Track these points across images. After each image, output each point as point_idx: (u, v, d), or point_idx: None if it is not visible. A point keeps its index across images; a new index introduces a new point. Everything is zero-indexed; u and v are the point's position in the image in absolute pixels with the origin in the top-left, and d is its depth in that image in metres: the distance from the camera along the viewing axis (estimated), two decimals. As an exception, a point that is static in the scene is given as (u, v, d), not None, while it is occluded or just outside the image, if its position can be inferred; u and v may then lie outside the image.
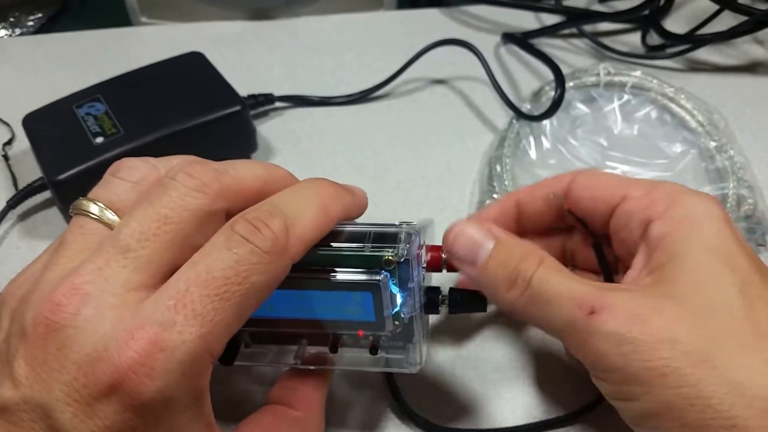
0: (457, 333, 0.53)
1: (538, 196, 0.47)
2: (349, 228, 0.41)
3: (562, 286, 0.38)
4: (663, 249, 0.39)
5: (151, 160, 0.39)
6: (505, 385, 0.50)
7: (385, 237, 0.40)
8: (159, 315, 0.32)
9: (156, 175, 0.38)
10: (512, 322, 0.54)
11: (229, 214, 0.36)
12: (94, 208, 0.37)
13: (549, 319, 0.39)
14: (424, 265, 0.43)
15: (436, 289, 0.44)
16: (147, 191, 0.37)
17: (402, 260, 0.39)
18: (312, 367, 0.44)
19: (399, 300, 0.40)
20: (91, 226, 0.36)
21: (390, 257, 0.39)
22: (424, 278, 0.43)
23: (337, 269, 0.40)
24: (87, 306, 0.33)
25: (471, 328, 0.54)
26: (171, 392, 0.32)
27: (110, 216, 0.37)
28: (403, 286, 0.40)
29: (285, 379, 0.44)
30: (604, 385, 0.38)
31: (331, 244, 0.40)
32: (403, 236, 0.40)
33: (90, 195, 0.38)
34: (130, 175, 0.38)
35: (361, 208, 0.43)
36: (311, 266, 0.39)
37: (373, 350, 0.42)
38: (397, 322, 0.41)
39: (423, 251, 0.42)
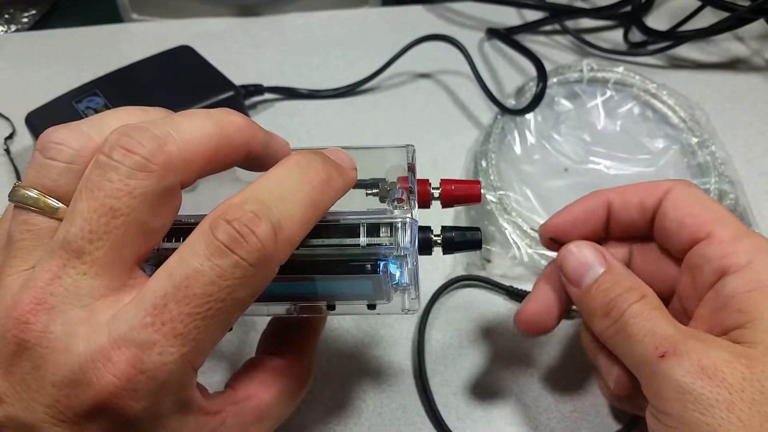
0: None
1: (632, 203, 0.44)
2: (342, 220, 0.37)
3: (648, 324, 0.37)
4: (737, 310, 0.37)
5: (82, 126, 0.34)
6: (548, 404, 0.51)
7: (380, 226, 0.37)
8: (136, 334, 0.30)
9: (91, 145, 0.33)
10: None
11: (183, 185, 0.33)
12: (31, 199, 0.32)
13: (629, 353, 0.38)
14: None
15: (427, 229, 0.41)
16: (86, 174, 0.32)
17: (402, 254, 0.37)
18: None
19: (398, 275, 0.39)
20: (36, 221, 0.33)
21: (390, 252, 0.37)
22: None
23: (335, 265, 0.37)
24: (55, 322, 0.30)
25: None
26: (157, 408, 0.31)
27: (51, 204, 0.32)
28: (401, 263, 0.38)
29: (273, 327, 0.43)
30: (658, 425, 0.37)
31: (326, 237, 0.37)
32: (399, 225, 0.37)
33: (25, 181, 0.33)
34: (60, 153, 0.33)
35: (351, 185, 0.37)
36: (306, 261, 0.37)
37: (371, 307, 0.41)
38: (396, 288, 0.39)
39: (414, 210, 0.39)
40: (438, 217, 0.56)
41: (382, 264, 0.37)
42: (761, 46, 0.81)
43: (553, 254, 0.55)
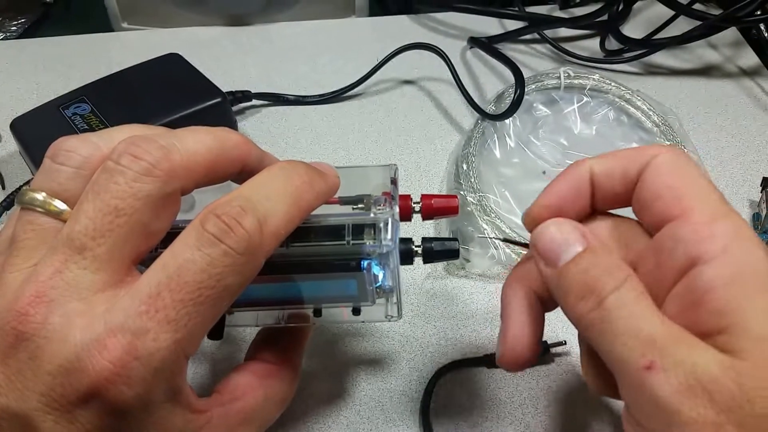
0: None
1: (615, 173, 0.38)
2: (325, 222, 0.40)
3: (634, 320, 0.32)
4: (715, 311, 0.32)
5: (92, 137, 0.36)
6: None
7: (364, 226, 0.40)
8: (131, 323, 0.31)
9: (99, 154, 0.35)
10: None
11: (183, 191, 0.35)
12: (38, 201, 0.35)
13: (609, 351, 0.33)
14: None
15: (408, 240, 0.43)
16: (93, 178, 0.34)
17: (385, 251, 0.40)
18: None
19: (381, 277, 0.41)
20: (41, 221, 0.35)
21: (374, 250, 0.39)
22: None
23: (321, 264, 0.40)
24: (53, 314, 0.32)
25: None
26: (149, 396, 0.32)
27: (57, 206, 0.35)
28: (384, 264, 0.41)
29: (261, 335, 0.45)
30: None
31: (312, 237, 0.40)
32: (382, 225, 0.40)
33: (33, 184, 0.35)
34: (69, 159, 0.35)
35: (334, 190, 0.40)
36: (294, 260, 0.40)
37: (356, 311, 0.43)
38: (379, 292, 0.42)
39: (395, 211, 0.42)
40: (419, 227, 0.59)
41: (365, 262, 0.40)
42: (733, 53, 0.84)
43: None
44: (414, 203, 0.44)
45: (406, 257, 0.43)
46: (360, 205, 0.42)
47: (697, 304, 0.32)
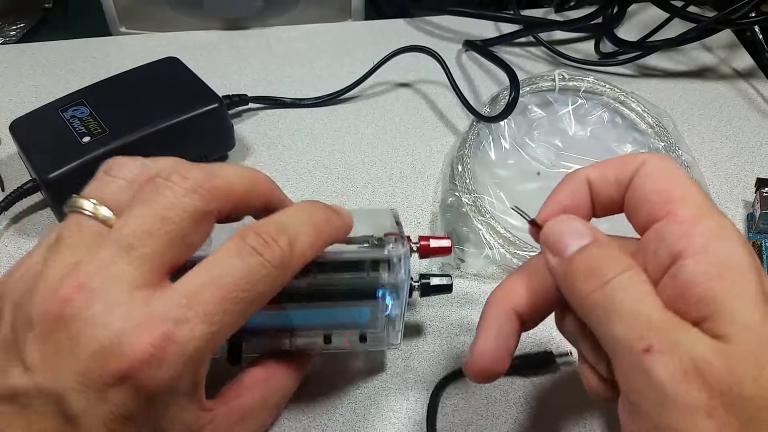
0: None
1: (609, 179, 0.40)
2: (344, 257, 0.45)
3: (634, 303, 0.34)
4: (698, 300, 0.33)
5: (141, 159, 0.41)
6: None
7: (379, 261, 0.45)
8: (173, 312, 0.34)
9: (147, 174, 0.39)
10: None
11: (219, 214, 0.39)
12: (88, 206, 0.38)
13: (608, 331, 0.34)
14: None
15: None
16: (141, 191, 0.38)
17: (398, 282, 0.45)
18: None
19: (390, 306, 0.46)
20: (88, 224, 0.37)
21: (388, 281, 0.45)
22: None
23: (342, 293, 0.45)
24: (95, 302, 0.34)
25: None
26: (177, 382, 0.35)
27: (105, 213, 0.38)
28: (393, 295, 0.46)
29: (262, 359, 0.47)
30: (629, 423, 0.34)
31: (334, 270, 0.45)
32: (395, 260, 0.45)
33: (84, 193, 0.39)
34: (122, 173, 0.39)
35: (348, 229, 0.44)
36: (319, 290, 0.45)
37: (363, 339, 0.48)
38: (387, 319, 0.47)
39: (407, 248, 0.46)
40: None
41: (380, 292, 0.46)
42: (728, 55, 0.85)
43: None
44: (413, 243, 0.49)
45: (408, 291, 0.47)
46: (365, 244, 0.46)
47: (680, 295, 0.34)
